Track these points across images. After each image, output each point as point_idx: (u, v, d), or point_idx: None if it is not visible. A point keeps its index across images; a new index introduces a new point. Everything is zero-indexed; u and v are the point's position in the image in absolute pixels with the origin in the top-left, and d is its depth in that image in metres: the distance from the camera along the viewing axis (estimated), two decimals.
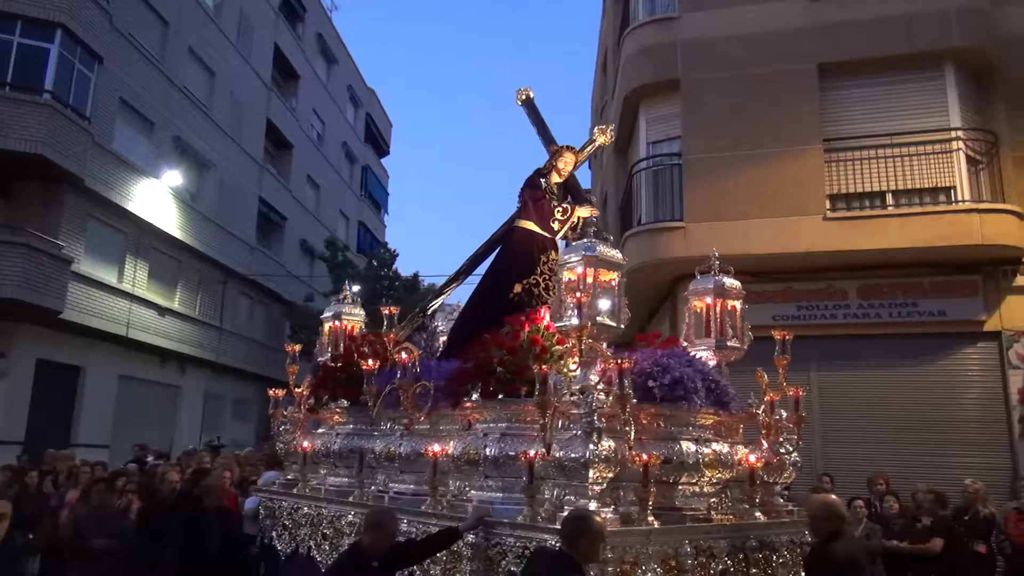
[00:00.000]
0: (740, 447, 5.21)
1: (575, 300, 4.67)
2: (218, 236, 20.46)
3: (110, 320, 16.30)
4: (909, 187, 10.76)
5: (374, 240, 32.00)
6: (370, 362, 5.62)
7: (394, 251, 23.49)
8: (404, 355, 5.39)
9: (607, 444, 4.13)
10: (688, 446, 4.79)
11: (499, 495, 4.73)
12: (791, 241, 10.57)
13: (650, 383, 4.75)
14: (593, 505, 4.02)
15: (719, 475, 4.92)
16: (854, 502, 7.31)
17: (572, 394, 4.56)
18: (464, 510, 4.69)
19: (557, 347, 5.02)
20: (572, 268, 4.98)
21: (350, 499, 5.56)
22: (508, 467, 4.64)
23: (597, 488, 4.11)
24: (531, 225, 6.54)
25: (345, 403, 6.38)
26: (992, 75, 11.06)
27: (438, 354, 6.60)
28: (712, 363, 5.45)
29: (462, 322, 6.82)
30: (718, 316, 5.68)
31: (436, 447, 4.87)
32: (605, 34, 18.62)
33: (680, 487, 4.81)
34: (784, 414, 5.39)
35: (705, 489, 4.94)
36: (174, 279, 19.02)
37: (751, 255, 8.17)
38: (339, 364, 6.45)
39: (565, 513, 3.98)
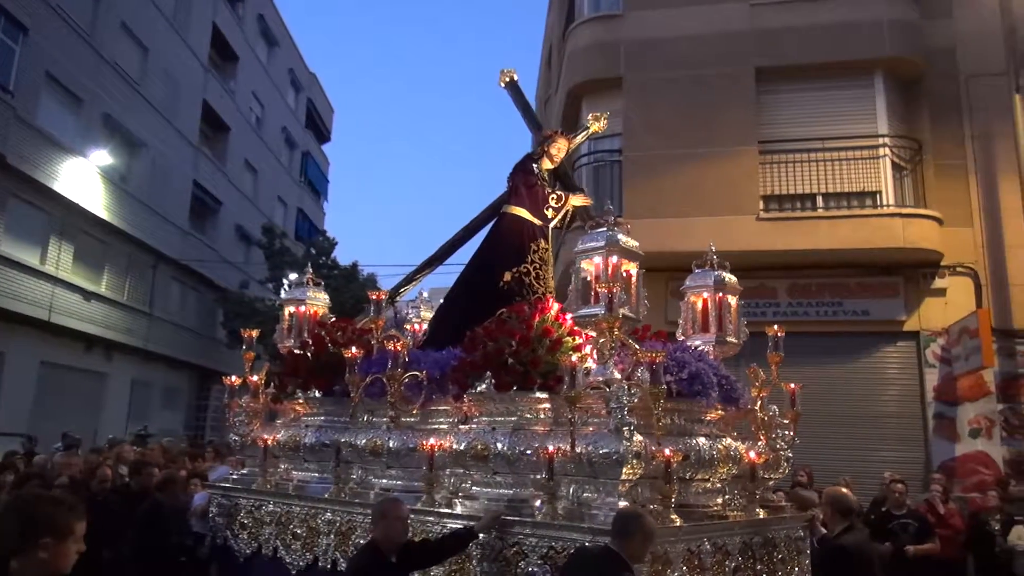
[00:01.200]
0: (741, 443, 5.18)
1: (607, 290, 4.54)
2: (149, 219, 19.80)
3: (32, 304, 15.62)
4: (838, 191, 11.15)
5: (313, 228, 31.46)
6: (353, 350, 5.28)
7: (333, 239, 23.09)
8: (395, 344, 5.12)
9: (639, 440, 4.02)
10: (702, 441, 4.72)
11: (508, 491, 4.55)
12: (726, 240, 10.78)
13: (667, 377, 4.60)
14: (623, 503, 3.93)
15: (728, 471, 4.88)
16: (775, 493, 7.54)
17: (594, 387, 4.43)
18: (462, 507, 4.56)
19: (569, 338, 4.87)
20: (591, 257, 4.83)
21: (326, 496, 5.26)
22: (520, 463, 4.48)
23: (626, 486, 4.01)
24: (522, 211, 6.35)
25: (317, 393, 5.95)
26: (919, 85, 11.53)
27: (418, 343, 6.31)
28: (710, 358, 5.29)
29: (446, 310, 6.52)
30: (718, 311, 5.56)
31: (432, 441, 4.69)
32: (550, 28, 18.67)
33: (693, 483, 4.74)
34: (776, 409, 5.41)
35: (717, 485, 4.90)
36: (101, 262, 18.32)
37: (688, 252, 8.32)
38: (309, 352, 6.03)
39: (596, 512, 3.93)
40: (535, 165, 6.52)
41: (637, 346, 4.59)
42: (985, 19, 11.41)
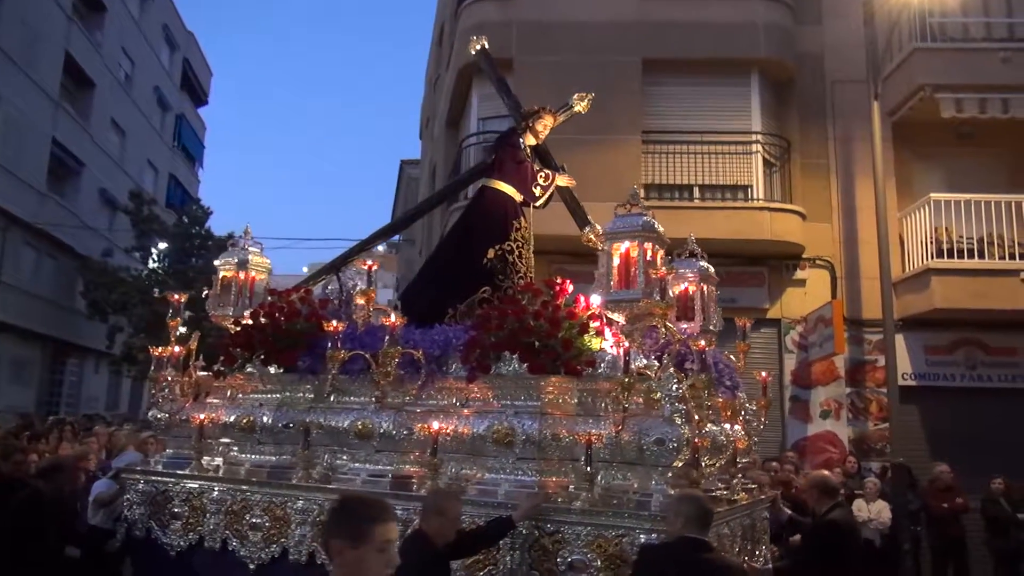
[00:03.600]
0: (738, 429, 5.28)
1: (658, 275, 4.53)
2: (0, 177, 18.20)
3: None
4: (714, 183, 11.66)
5: (186, 195, 29.82)
6: (335, 323, 4.86)
7: (208, 208, 21.97)
8: (391, 319, 4.74)
9: (686, 428, 4.04)
10: (714, 428, 4.78)
11: (531, 477, 4.38)
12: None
13: (687, 364, 4.58)
14: (671, 491, 3.90)
15: (725, 456, 4.95)
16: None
17: (641, 373, 4.38)
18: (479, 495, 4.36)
19: (592, 324, 4.73)
20: (621, 241, 4.78)
21: (294, 481, 4.85)
22: (551, 448, 4.34)
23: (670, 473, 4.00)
24: (505, 187, 6.10)
25: (273, 369, 5.38)
26: (790, 87, 12.21)
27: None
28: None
29: (423, 285, 6.14)
30: (705, 300, 5.61)
31: (436, 424, 4.47)
32: (442, 5, 18.44)
33: (705, 469, 4.73)
34: (745, 396, 5.55)
35: (716, 470, 4.92)
36: None
37: (570, 236, 8.50)
38: (264, 322, 5.40)
39: (645, 499, 3.90)
40: (520, 140, 6.29)
41: (680, 335, 4.66)
42: (850, 29, 12.18)
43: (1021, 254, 10.78)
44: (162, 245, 20.73)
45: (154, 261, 20.87)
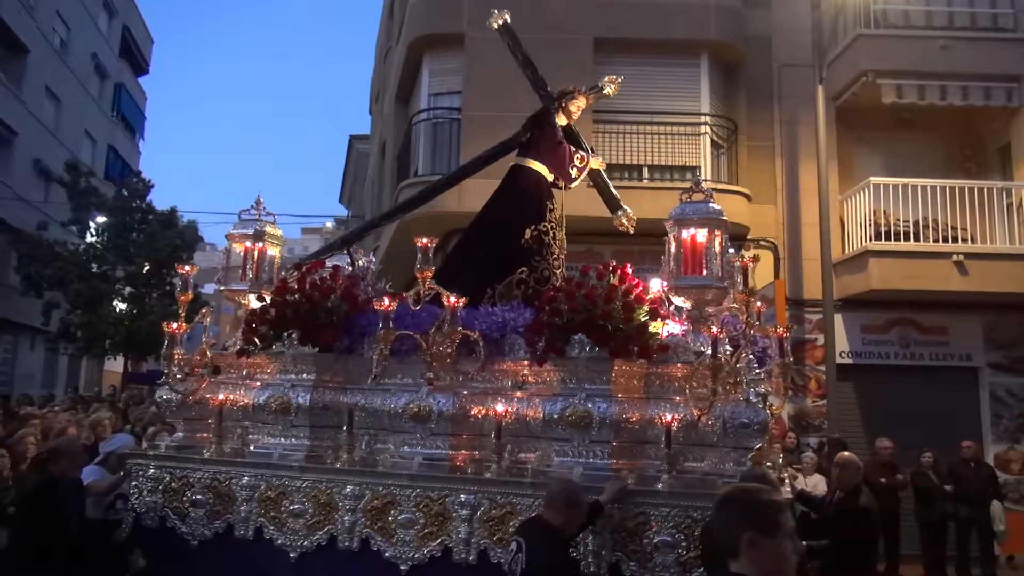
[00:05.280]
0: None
1: (743, 263, 4.59)
2: None
3: None
4: (663, 163, 11.78)
5: (126, 167, 28.85)
6: (385, 302, 4.65)
7: (149, 181, 21.28)
8: (452, 299, 4.62)
9: (766, 411, 4.21)
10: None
11: (604, 460, 4.41)
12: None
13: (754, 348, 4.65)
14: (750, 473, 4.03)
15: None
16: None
17: (700, 355, 4.41)
18: (544, 477, 4.32)
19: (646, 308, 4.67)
20: (688, 227, 4.81)
21: (337, 466, 4.67)
22: (625, 431, 4.39)
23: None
24: (540, 167, 6.02)
25: (308, 348, 5.07)
26: (738, 70, 12.37)
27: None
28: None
29: (461, 264, 5.96)
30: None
31: (500, 407, 4.43)
32: None
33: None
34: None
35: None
36: None
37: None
38: (294, 299, 5.07)
39: (731, 479, 3.95)
40: (555, 120, 6.20)
41: (757, 321, 4.72)
42: (797, 13, 12.38)
43: (954, 237, 11.17)
44: (101, 219, 20.04)
45: (92, 235, 20.18)
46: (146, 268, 19.00)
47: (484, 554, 4.29)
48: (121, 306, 19.15)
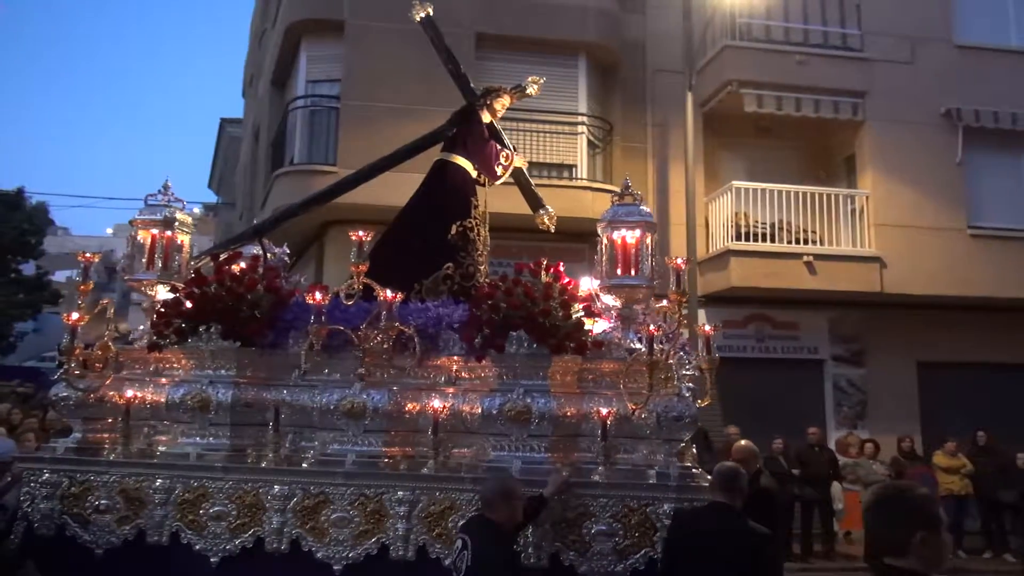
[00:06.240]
0: None
1: (676, 266, 4.73)
2: None
3: None
4: (542, 161, 12.03)
5: None
6: (317, 295, 4.50)
7: None
8: (388, 293, 4.56)
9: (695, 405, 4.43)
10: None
11: (542, 455, 4.45)
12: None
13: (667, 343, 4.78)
14: (679, 463, 4.37)
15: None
16: None
17: (631, 352, 4.59)
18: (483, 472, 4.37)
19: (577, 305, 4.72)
20: (619, 229, 5.00)
21: (263, 465, 4.52)
22: (562, 425, 4.47)
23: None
24: (466, 163, 6.04)
25: (227, 344, 4.79)
26: (614, 72, 12.82)
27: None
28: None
29: (387, 257, 5.71)
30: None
31: (437, 403, 4.46)
32: None
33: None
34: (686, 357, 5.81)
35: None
36: None
37: (400, 207, 8.51)
38: (213, 291, 4.79)
39: (663, 471, 4.29)
40: (481, 117, 6.23)
41: (682, 319, 4.85)
42: (671, 21, 12.94)
43: (806, 239, 12.08)
44: None
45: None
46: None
47: (423, 550, 4.31)
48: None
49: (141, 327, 5.38)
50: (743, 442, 6.52)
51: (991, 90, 12.64)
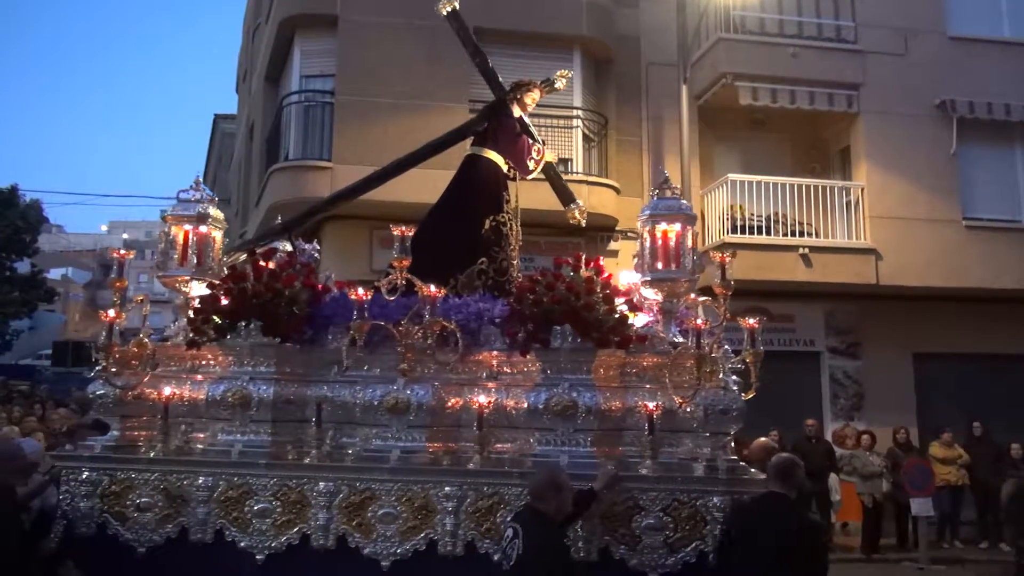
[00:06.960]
0: None
1: (720, 259, 4.67)
2: None
3: None
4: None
5: None
6: (360, 291, 4.47)
7: None
8: (426, 289, 4.51)
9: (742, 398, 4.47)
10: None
11: (587, 448, 4.46)
12: (432, 193, 11.10)
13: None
14: (726, 456, 4.43)
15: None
16: None
17: (675, 345, 4.64)
18: (522, 465, 4.41)
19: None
20: (660, 223, 4.92)
21: (306, 462, 4.54)
22: (608, 420, 4.47)
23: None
24: (498, 157, 5.99)
25: (268, 340, 4.77)
26: (609, 67, 12.81)
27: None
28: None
29: (422, 252, 5.51)
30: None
31: (481, 398, 4.47)
32: None
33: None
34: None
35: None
36: None
37: (393, 203, 8.50)
38: (258, 288, 4.78)
39: (711, 463, 4.32)
40: (512, 111, 6.19)
41: (720, 311, 4.74)
42: (665, 14, 12.91)
43: (800, 231, 12.10)
44: None
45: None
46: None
47: (471, 545, 4.30)
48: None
49: (174, 324, 5.33)
50: (762, 440, 6.49)
51: (985, 82, 12.67)
